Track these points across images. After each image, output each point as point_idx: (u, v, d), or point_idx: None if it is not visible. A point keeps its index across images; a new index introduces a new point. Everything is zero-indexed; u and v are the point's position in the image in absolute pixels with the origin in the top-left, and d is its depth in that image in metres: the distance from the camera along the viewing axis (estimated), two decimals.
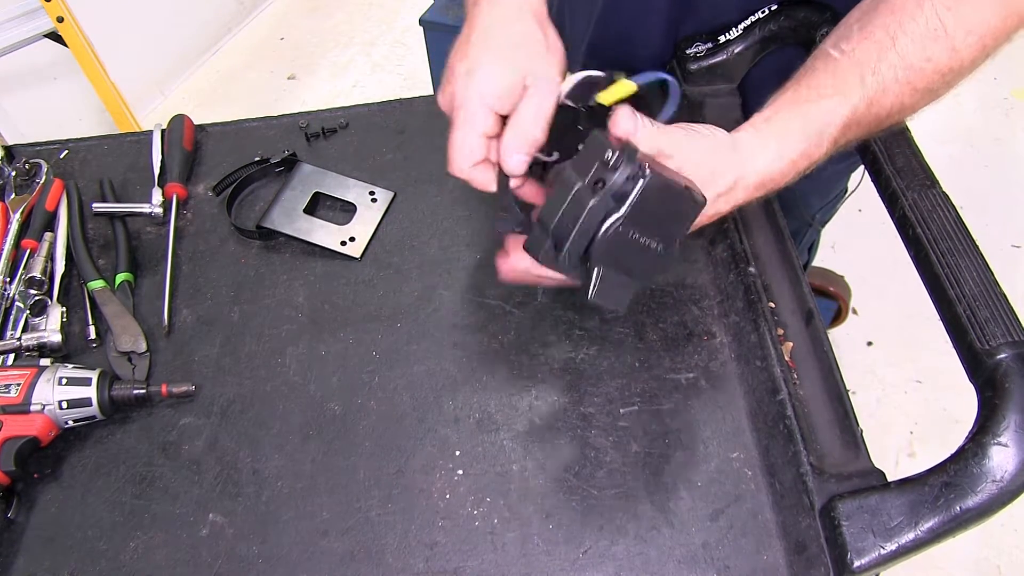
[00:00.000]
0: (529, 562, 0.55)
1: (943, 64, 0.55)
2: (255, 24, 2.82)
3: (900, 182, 0.61)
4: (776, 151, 0.56)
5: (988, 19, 0.54)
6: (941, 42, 0.54)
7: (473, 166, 0.56)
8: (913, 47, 0.55)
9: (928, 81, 0.56)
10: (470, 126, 0.55)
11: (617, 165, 0.48)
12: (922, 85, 0.56)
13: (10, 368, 0.63)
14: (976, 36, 0.55)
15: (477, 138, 0.55)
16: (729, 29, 0.79)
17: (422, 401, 0.64)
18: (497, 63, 0.55)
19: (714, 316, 0.67)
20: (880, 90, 0.56)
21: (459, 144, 0.55)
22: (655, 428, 0.61)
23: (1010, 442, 0.48)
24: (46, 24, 1.67)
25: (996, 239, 1.88)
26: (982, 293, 0.53)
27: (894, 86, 0.56)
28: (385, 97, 0.91)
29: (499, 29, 0.57)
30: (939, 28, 0.54)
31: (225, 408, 0.64)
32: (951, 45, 0.55)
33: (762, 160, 0.56)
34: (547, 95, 0.54)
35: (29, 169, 0.80)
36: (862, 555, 0.49)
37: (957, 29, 0.54)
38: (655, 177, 0.48)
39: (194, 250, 0.76)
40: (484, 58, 0.55)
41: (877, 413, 1.64)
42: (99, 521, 0.59)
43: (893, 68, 0.55)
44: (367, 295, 0.71)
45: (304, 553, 0.56)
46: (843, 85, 0.56)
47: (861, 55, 0.56)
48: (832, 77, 0.56)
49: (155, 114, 2.44)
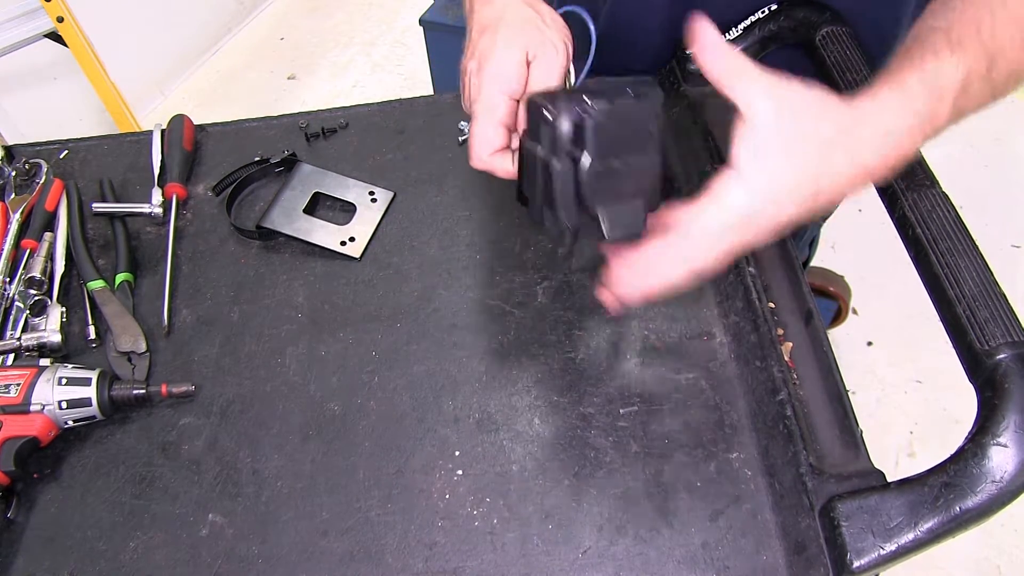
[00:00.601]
0: (529, 562, 0.55)
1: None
2: (255, 24, 2.82)
3: (900, 182, 0.61)
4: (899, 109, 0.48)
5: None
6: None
7: (491, 155, 0.57)
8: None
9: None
10: (486, 116, 0.56)
11: (557, 117, 0.48)
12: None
13: (10, 368, 0.63)
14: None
15: (494, 127, 0.56)
16: (729, 29, 0.79)
17: (422, 401, 0.64)
18: (500, 50, 0.57)
19: (714, 316, 0.67)
20: (998, 49, 0.50)
21: (478, 135, 0.57)
22: (655, 428, 0.60)
23: (1010, 442, 0.48)
24: (46, 24, 1.67)
25: (996, 239, 1.88)
26: (982, 293, 0.53)
27: (1010, 48, 0.50)
28: (385, 97, 0.91)
29: (496, 21, 0.58)
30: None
31: (225, 408, 0.64)
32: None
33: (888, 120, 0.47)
34: (552, 63, 0.57)
35: (29, 169, 0.80)
36: (862, 555, 0.49)
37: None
38: (598, 111, 0.47)
39: (194, 250, 0.76)
40: (488, 49, 0.57)
41: (877, 413, 1.64)
42: (99, 521, 0.59)
43: (1007, 27, 0.50)
44: (367, 295, 0.71)
45: (304, 553, 0.56)
46: (958, 45, 0.49)
47: (972, 16, 0.50)
48: (945, 37, 0.50)
49: (155, 114, 2.44)
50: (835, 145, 0.46)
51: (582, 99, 0.48)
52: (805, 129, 0.45)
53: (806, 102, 0.46)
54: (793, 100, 0.46)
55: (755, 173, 0.45)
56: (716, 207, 0.46)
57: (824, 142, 0.45)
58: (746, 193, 0.46)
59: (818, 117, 0.46)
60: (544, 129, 0.49)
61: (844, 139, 0.46)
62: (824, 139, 0.45)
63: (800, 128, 0.45)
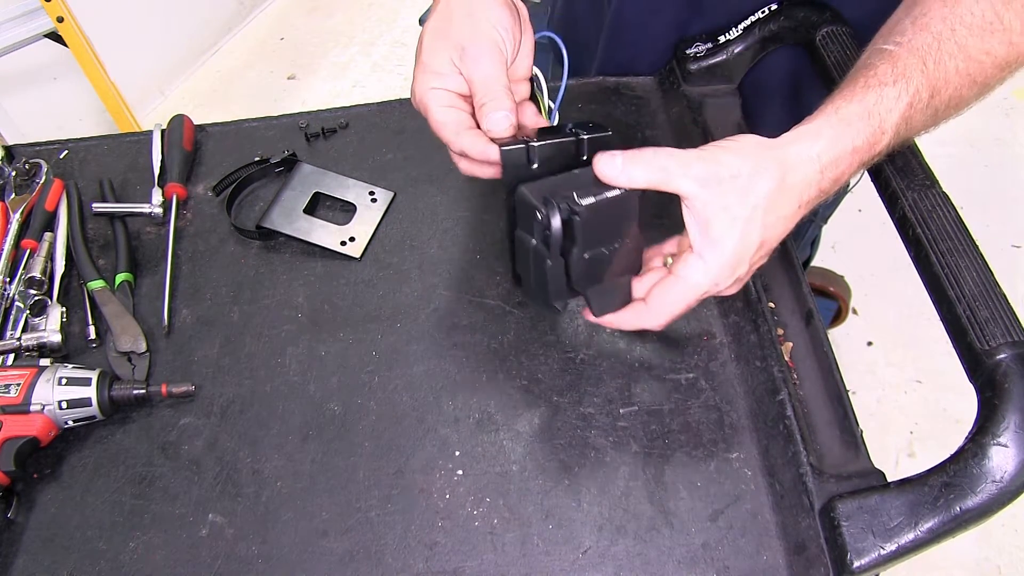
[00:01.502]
0: (529, 562, 0.55)
1: (1001, 57, 0.54)
2: (255, 24, 2.81)
3: (900, 182, 0.61)
4: (831, 134, 0.52)
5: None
6: (999, 35, 0.53)
7: (458, 134, 0.58)
8: (972, 39, 0.53)
9: (987, 75, 0.55)
10: (430, 112, 0.58)
11: (549, 218, 0.52)
12: (981, 78, 0.55)
13: (10, 368, 0.63)
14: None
15: (442, 112, 0.58)
16: (729, 29, 0.79)
17: (422, 401, 0.64)
18: (427, 53, 0.59)
19: (714, 316, 0.67)
20: (942, 79, 0.53)
21: (436, 128, 0.58)
22: (655, 428, 0.60)
23: (1010, 442, 0.48)
24: (46, 24, 1.67)
25: (996, 239, 1.88)
26: (982, 293, 0.53)
27: (955, 77, 0.54)
28: (385, 97, 0.90)
29: (434, 22, 0.60)
30: (996, 21, 0.53)
31: (225, 408, 0.64)
32: (1008, 39, 0.53)
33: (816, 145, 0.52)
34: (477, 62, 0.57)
35: (29, 169, 0.80)
36: (862, 555, 0.49)
37: (1014, 22, 0.53)
38: (585, 208, 0.51)
39: (194, 250, 0.76)
40: (419, 51, 0.60)
41: (877, 413, 1.64)
42: (99, 521, 0.59)
43: (953, 58, 0.53)
44: (367, 295, 0.71)
45: (304, 553, 0.56)
46: (903, 72, 0.53)
47: (919, 44, 0.54)
48: (891, 66, 0.53)
49: (155, 114, 2.44)
50: (771, 205, 0.51)
51: (571, 196, 0.52)
52: (743, 202, 0.51)
53: (735, 176, 0.50)
54: (723, 179, 0.50)
55: (710, 253, 0.52)
56: (683, 286, 0.54)
57: (760, 208, 0.51)
58: (706, 272, 0.53)
59: (747, 189, 0.50)
60: (536, 225, 0.53)
61: (777, 197, 0.51)
62: (758, 205, 0.51)
63: (738, 202, 0.51)
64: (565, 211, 0.51)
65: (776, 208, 0.51)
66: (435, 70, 0.58)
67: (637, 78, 0.87)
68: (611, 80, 0.87)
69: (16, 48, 1.69)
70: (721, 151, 0.51)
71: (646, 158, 0.51)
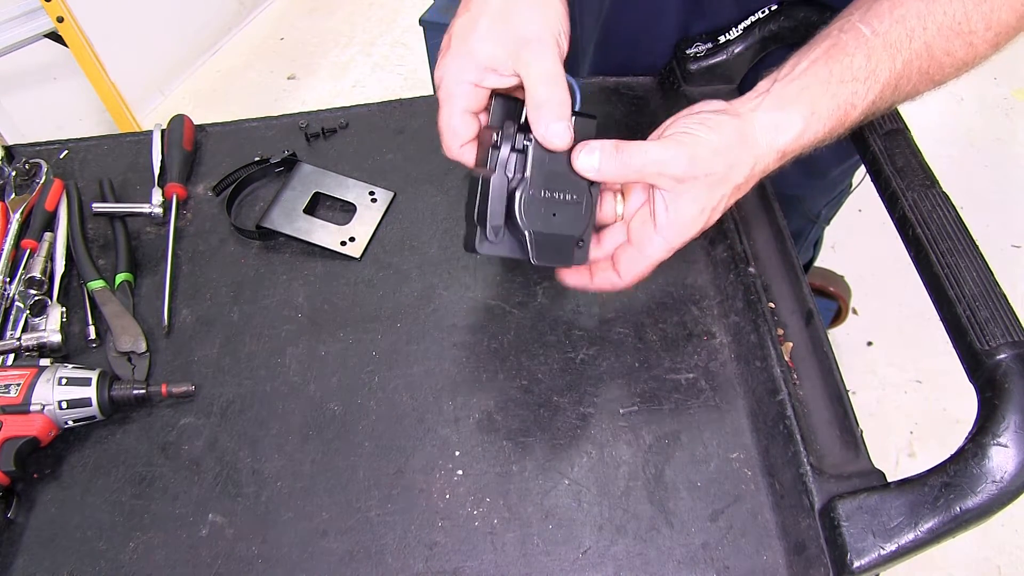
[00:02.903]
0: (529, 562, 0.55)
1: (959, 58, 0.55)
2: (255, 24, 2.81)
3: (900, 182, 0.61)
4: (802, 127, 0.55)
5: (1006, 17, 0.54)
6: (963, 37, 0.54)
7: (461, 147, 0.57)
8: (939, 40, 0.54)
9: (944, 75, 0.56)
10: (449, 105, 0.56)
11: (499, 145, 0.54)
12: (939, 77, 0.56)
13: (10, 368, 0.63)
14: (993, 32, 0.54)
15: (459, 116, 0.56)
16: (729, 29, 0.79)
17: (422, 401, 0.64)
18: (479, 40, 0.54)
19: (714, 316, 0.67)
20: (905, 77, 0.55)
21: (443, 126, 0.57)
22: (655, 428, 0.61)
23: (1010, 443, 0.48)
24: (46, 24, 1.67)
25: (996, 239, 1.88)
26: (982, 293, 0.53)
27: (916, 76, 0.56)
28: (385, 97, 0.90)
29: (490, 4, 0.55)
30: (963, 22, 0.54)
31: (225, 408, 0.64)
32: (970, 40, 0.54)
33: (784, 137, 0.55)
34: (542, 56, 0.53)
35: (29, 169, 0.80)
36: (862, 555, 0.49)
37: (978, 23, 0.54)
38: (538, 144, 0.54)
39: (194, 250, 0.76)
40: (464, 34, 0.55)
41: (877, 413, 1.64)
42: (98, 521, 0.59)
43: (919, 58, 0.55)
44: (367, 295, 0.71)
45: (304, 553, 0.56)
46: (875, 69, 0.55)
47: (894, 39, 0.55)
48: (866, 60, 0.55)
49: (155, 114, 2.44)
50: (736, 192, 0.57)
51: (530, 134, 0.54)
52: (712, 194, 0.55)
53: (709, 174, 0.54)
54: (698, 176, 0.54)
55: (673, 233, 0.56)
56: (645, 261, 0.58)
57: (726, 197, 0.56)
58: (667, 249, 0.58)
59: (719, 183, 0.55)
60: (491, 153, 0.55)
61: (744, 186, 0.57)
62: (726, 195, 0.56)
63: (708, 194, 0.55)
64: (521, 143, 0.54)
65: (738, 192, 0.57)
66: (480, 61, 0.54)
67: (637, 78, 0.87)
68: (611, 80, 0.87)
69: (16, 48, 1.70)
70: (698, 144, 0.54)
71: (623, 160, 0.54)
